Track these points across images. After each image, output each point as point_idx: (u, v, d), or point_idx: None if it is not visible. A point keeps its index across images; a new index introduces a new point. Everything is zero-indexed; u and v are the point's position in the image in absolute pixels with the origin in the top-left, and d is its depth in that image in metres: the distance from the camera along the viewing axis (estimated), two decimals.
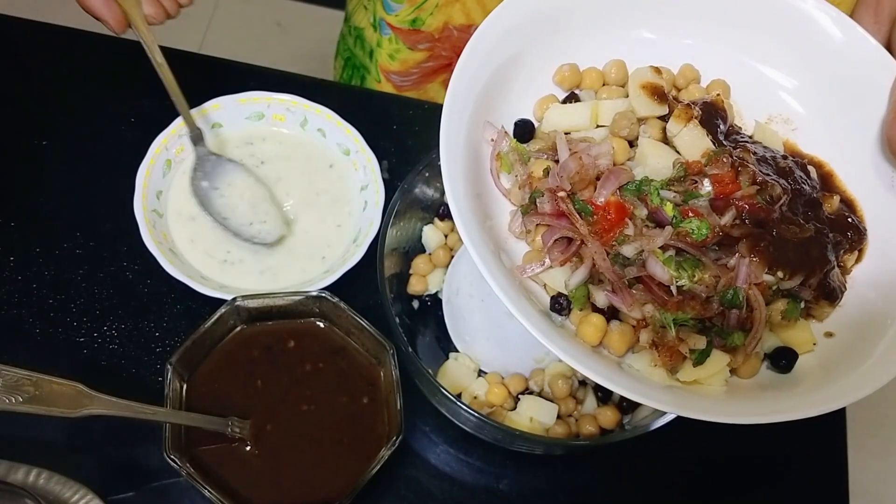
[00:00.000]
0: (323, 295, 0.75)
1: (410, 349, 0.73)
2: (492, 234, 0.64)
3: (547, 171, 0.64)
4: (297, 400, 0.74)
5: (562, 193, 0.62)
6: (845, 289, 0.66)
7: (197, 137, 0.88)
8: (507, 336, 0.82)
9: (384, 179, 0.88)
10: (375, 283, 0.75)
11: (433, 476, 0.82)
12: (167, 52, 0.89)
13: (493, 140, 0.67)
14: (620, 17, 0.71)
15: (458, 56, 0.65)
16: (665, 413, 0.72)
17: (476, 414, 0.71)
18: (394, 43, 1.05)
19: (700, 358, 0.61)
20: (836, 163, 0.70)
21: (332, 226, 0.90)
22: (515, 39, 0.67)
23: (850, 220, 0.67)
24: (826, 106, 0.71)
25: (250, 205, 0.87)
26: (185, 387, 0.74)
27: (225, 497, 0.68)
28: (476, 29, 0.65)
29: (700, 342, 0.60)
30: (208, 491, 0.67)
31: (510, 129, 0.68)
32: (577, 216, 0.62)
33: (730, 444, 0.85)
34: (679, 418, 0.71)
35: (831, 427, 0.89)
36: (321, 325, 0.78)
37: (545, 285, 0.64)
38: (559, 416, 0.79)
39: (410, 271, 0.86)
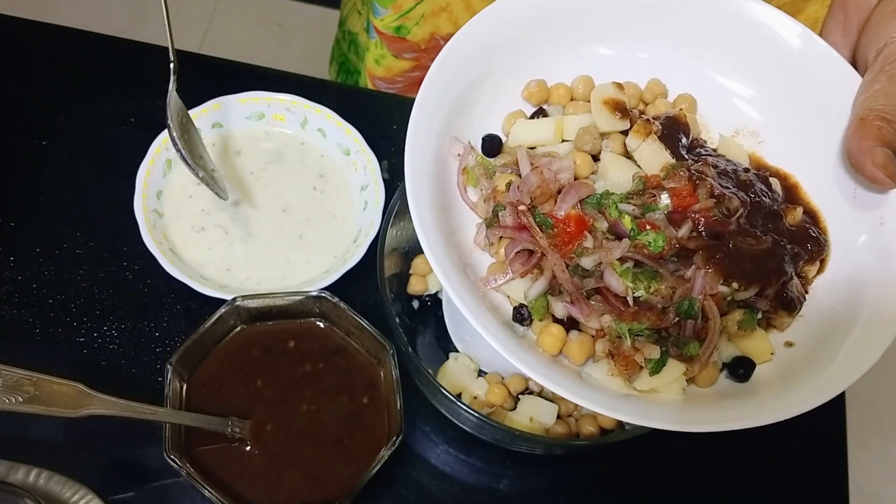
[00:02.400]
0: (323, 295, 0.75)
1: (410, 349, 0.73)
2: (457, 247, 0.66)
3: (510, 185, 0.66)
4: (297, 400, 0.74)
5: (522, 207, 0.64)
6: (804, 299, 0.67)
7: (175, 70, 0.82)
8: None
9: (384, 179, 0.88)
10: (375, 283, 0.75)
11: (433, 476, 0.82)
12: (167, 52, 0.89)
13: (459, 154, 0.68)
14: (584, 34, 0.72)
15: None
16: None
17: (476, 414, 0.71)
18: (379, 48, 1.05)
19: (656, 367, 0.62)
20: (801, 175, 0.71)
21: (332, 226, 0.90)
22: (482, 57, 0.69)
23: (811, 231, 0.68)
24: (790, 118, 0.72)
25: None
26: (185, 387, 0.74)
27: (225, 497, 0.68)
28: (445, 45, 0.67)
29: (655, 352, 0.62)
30: (208, 491, 0.67)
31: (478, 143, 0.70)
32: (538, 229, 0.64)
33: (729, 444, 0.85)
34: None
35: (831, 427, 0.89)
36: (321, 325, 0.78)
37: (509, 296, 0.66)
38: (559, 416, 0.79)
39: (410, 271, 0.86)
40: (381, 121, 0.96)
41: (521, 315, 0.65)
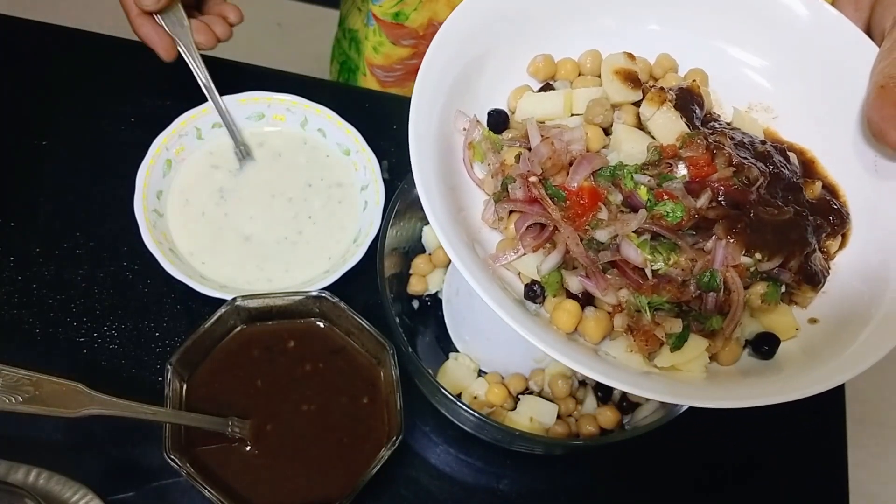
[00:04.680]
0: (323, 295, 0.75)
1: (410, 349, 0.73)
2: (465, 225, 0.63)
3: (519, 158, 0.64)
4: (297, 400, 0.74)
5: (533, 178, 0.62)
6: (828, 273, 0.65)
7: (244, 153, 0.91)
8: (507, 336, 0.82)
9: (384, 179, 0.88)
10: (375, 283, 0.75)
11: (433, 476, 0.82)
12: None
13: (465, 129, 0.66)
14: (591, 5, 0.70)
15: None
16: (665, 415, 0.72)
17: (476, 414, 0.71)
18: (378, 35, 1.04)
19: (677, 343, 0.60)
20: (818, 149, 0.69)
21: (333, 226, 0.90)
22: (486, 30, 0.67)
23: (832, 204, 0.66)
24: (804, 91, 0.70)
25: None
26: (185, 387, 0.74)
27: (225, 497, 0.68)
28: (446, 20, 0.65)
29: (676, 326, 0.59)
30: (208, 491, 0.67)
31: (484, 119, 0.68)
32: (550, 201, 0.61)
33: (730, 444, 0.85)
34: (679, 418, 0.71)
35: (831, 427, 0.89)
36: (321, 325, 0.78)
37: (519, 274, 0.64)
38: (559, 416, 0.79)
39: (410, 271, 0.86)
40: (381, 121, 0.96)
41: (534, 292, 0.62)
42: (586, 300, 0.62)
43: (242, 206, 0.89)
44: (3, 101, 0.95)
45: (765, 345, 0.62)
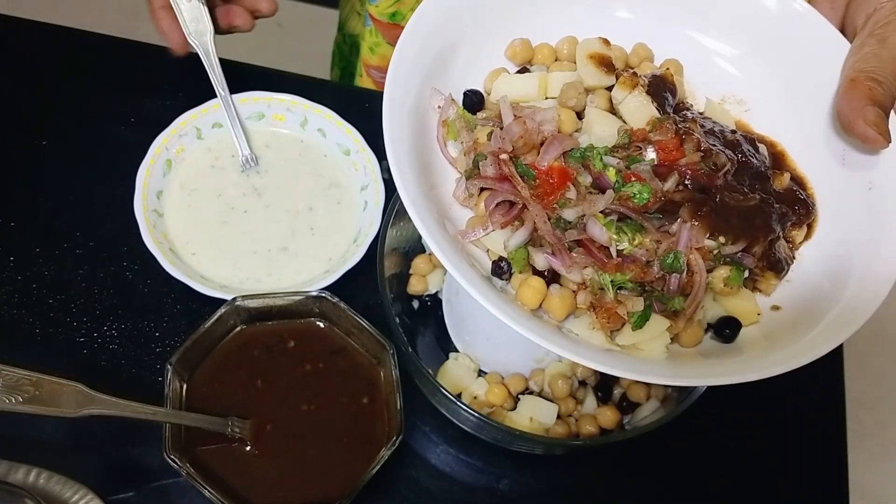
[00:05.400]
0: (323, 295, 0.75)
1: (410, 349, 0.73)
2: (437, 203, 0.64)
3: (491, 136, 0.65)
4: (297, 400, 0.74)
5: (504, 156, 0.62)
6: (792, 262, 0.66)
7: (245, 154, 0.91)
8: (507, 336, 0.82)
9: (384, 179, 0.88)
10: (375, 283, 0.75)
11: (433, 476, 0.82)
12: (167, 52, 0.89)
13: (439, 107, 0.66)
14: None
15: None
16: (665, 415, 0.72)
17: (476, 414, 0.71)
18: (374, 36, 1.04)
19: (639, 322, 0.60)
20: (789, 142, 0.70)
21: (333, 226, 0.90)
22: (465, 12, 0.67)
23: (798, 195, 0.67)
24: (777, 84, 0.71)
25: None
26: (185, 387, 0.74)
27: (225, 497, 0.68)
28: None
29: (638, 304, 0.60)
30: (208, 491, 0.67)
31: (460, 99, 0.68)
32: (520, 179, 0.62)
33: (730, 444, 0.85)
34: (679, 418, 0.71)
35: (831, 427, 0.89)
36: (321, 325, 0.78)
37: (488, 251, 0.64)
38: (559, 416, 0.79)
39: (410, 271, 0.86)
40: (381, 121, 0.96)
41: (501, 268, 0.63)
42: (552, 278, 0.63)
43: (242, 205, 0.89)
44: (3, 101, 0.95)
45: (726, 328, 0.63)
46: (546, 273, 0.63)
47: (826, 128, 0.68)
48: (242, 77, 0.97)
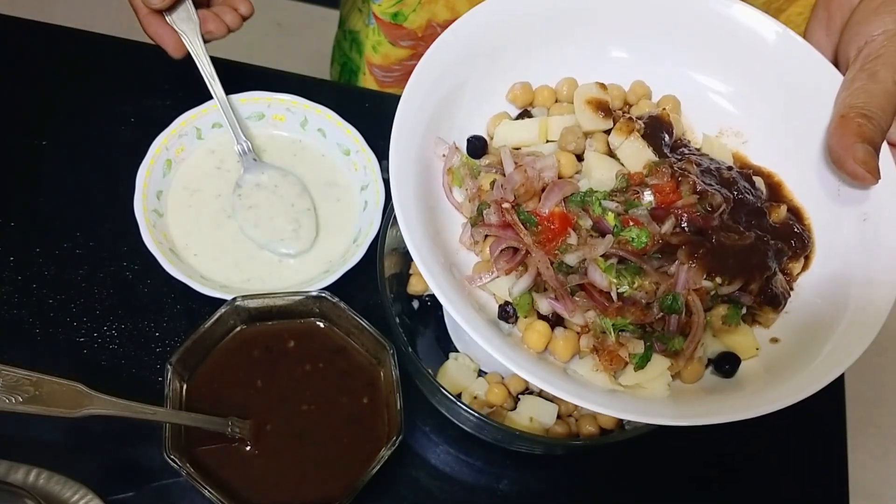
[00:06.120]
0: (323, 295, 0.75)
1: (410, 349, 0.73)
2: (443, 247, 0.66)
3: (494, 184, 0.67)
4: (297, 400, 0.74)
5: (506, 205, 0.65)
6: (789, 295, 0.68)
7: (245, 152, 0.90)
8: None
9: (384, 179, 0.88)
10: (375, 283, 0.75)
11: (433, 476, 0.82)
12: (166, 52, 0.89)
13: (444, 155, 0.69)
14: (569, 35, 0.73)
15: None
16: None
17: (476, 414, 0.71)
18: (377, 34, 1.04)
19: (641, 362, 0.62)
20: (785, 173, 0.72)
21: (332, 226, 0.90)
22: (467, 59, 0.70)
23: (795, 228, 0.69)
24: (773, 117, 0.73)
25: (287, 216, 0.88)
26: (185, 387, 0.74)
27: (225, 497, 0.68)
28: (429, 48, 0.68)
29: (638, 347, 0.62)
30: (208, 491, 0.67)
31: (464, 145, 0.71)
32: (522, 226, 0.64)
33: (729, 444, 0.85)
34: None
35: (831, 427, 0.89)
36: (321, 325, 0.78)
37: (494, 295, 0.67)
38: (559, 416, 0.79)
39: (410, 271, 0.86)
40: (381, 121, 0.95)
41: (507, 312, 0.65)
42: (556, 321, 0.65)
43: (242, 205, 0.89)
44: (3, 101, 0.95)
45: (726, 364, 0.65)
46: (550, 317, 0.65)
47: (821, 161, 0.69)
48: (242, 77, 0.97)
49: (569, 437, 0.78)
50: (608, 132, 0.70)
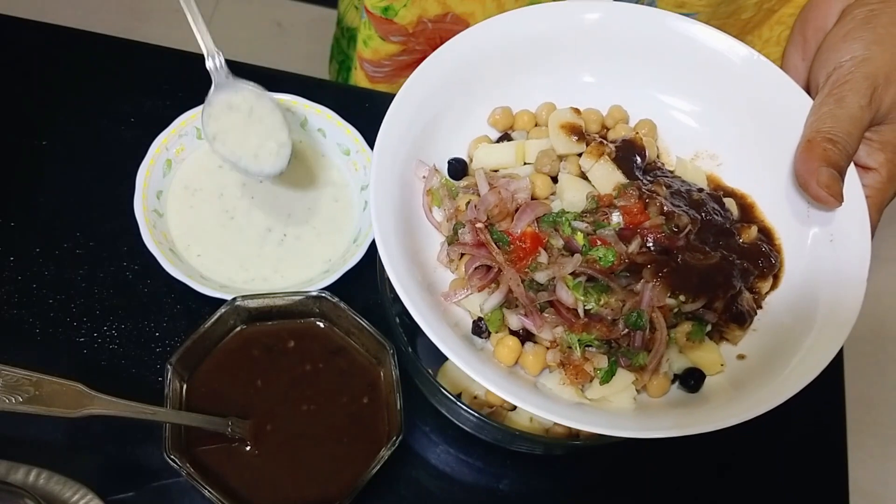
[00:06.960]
0: (323, 295, 0.75)
1: (410, 349, 0.73)
2: (422, 266, 0.69)
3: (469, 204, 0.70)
4: (297, 400, 0.74)
5: (479, 224, 0.68)
6: (755, 313, 0.70)
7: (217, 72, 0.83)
8: None
9: None
10: (375, 283, 0.75)
11: (433, 476, 0.82)
12: (167, 52, 0.89)
13: (424, 177, 0.72)
14: (549, 62, 0.77)
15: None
16: None
17: (476, 414, 0.71)
18: (368, 28, 1.04)
19: (606, 377, 0.65)
20: (757, 195, 0.75)
21: (332, 226, 0.90)
22: (448, 84, 0.73)
23: (763, 248, 0.71)
24: (746, 141, 0.75)
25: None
26: (185, 387, 0.74)
27: (225, 497, 0.68)
28: (422, 62, 0.71)
29: (603, 361, 0.65)
30: (208, 491, 0.67)
31: (444, 167, 0.74)
32: (494, 245, 0.67)
33: (729, 444, 0.85)
34: None
35: (831, 427, 0.89)
36: (321, 325, 0.78)
37: (469, 311, 0.69)
38: None
39: None
40: (381, 121, 0.96)
41: (480, 328, 0.68)
42: (526, 336, 0.68)
43: (243, 205, 0.89)
44: (3, 101, 0.95)
45: (691, 380, 0.68)
46: (521, 332, 0.68)
47: (790, 184, 0.72)
48: (242, 77, 0.97)
49: (569, 437, 0.78)
50: (581, 155, 0.73)
